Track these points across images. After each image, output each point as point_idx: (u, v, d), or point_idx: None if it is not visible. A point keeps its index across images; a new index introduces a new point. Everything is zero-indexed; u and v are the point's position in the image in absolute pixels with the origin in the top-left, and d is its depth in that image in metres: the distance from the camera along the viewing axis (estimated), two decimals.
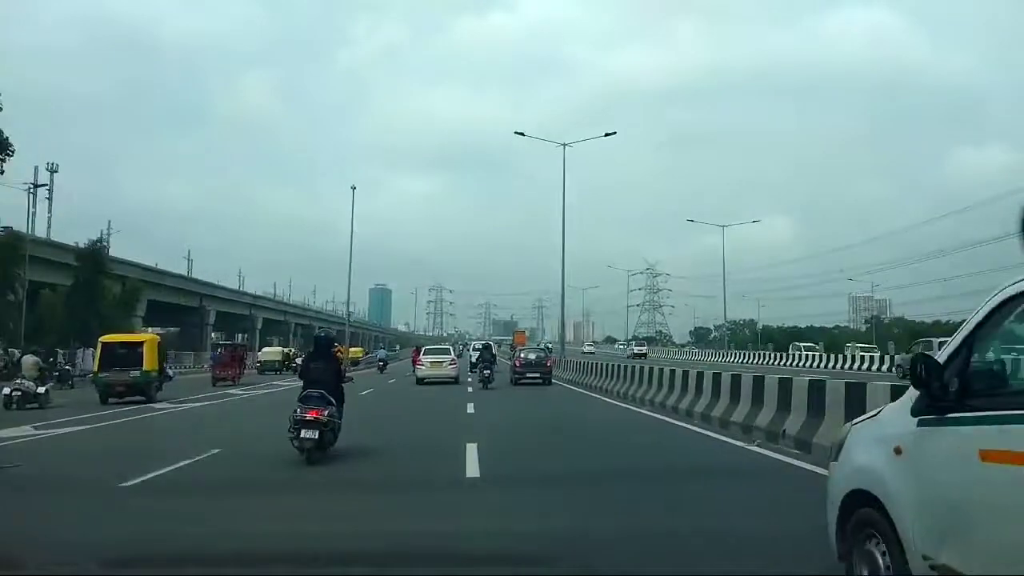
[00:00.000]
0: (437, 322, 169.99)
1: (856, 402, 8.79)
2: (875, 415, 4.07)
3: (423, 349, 33.28)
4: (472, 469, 9.13)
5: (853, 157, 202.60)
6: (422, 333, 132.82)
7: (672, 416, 15.44)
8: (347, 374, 11.34)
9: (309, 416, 9.55)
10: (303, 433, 9.49)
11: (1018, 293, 3.15)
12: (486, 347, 33.17)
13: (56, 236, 50.61)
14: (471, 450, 10.36)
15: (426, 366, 28.89)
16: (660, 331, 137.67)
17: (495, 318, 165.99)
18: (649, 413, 16.46)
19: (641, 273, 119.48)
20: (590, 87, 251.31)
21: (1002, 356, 3.50)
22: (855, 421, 4.24)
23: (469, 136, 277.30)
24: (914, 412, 3.52)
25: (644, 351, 72.52)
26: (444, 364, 29.28)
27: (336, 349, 17.98)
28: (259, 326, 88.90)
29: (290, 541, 5.76)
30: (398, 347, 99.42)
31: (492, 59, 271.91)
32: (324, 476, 8.98)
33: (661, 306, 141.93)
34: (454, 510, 7.08)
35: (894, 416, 3.75)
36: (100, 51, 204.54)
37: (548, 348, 45.22)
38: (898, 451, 3.56)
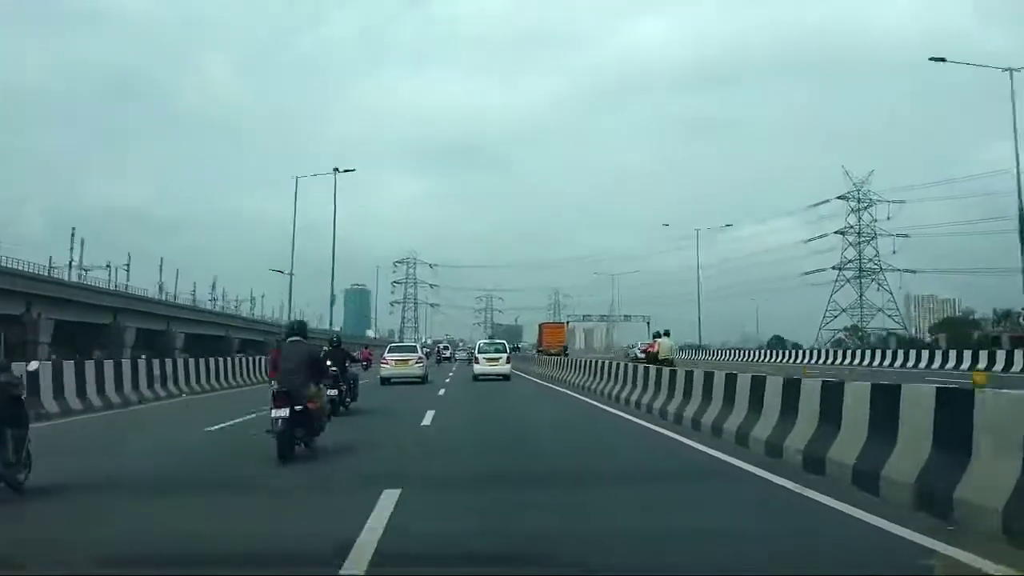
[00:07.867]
0: (408, 318, 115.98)
1: None
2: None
3: (388, 347, 32.90)
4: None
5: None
6: (396, 341, 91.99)
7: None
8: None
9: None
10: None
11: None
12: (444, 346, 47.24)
13: None
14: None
15: (391, 365, 28.27)
16: (884, 323, 78.19)
17: (497, 320, 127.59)
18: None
19: (838, 199, 73.43)
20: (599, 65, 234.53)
21: None
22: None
23: (458, 125, 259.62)
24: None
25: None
26: (410, 363, 28.58)
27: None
28: (179, 345, 71.64)
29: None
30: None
31: (483, 37, 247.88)
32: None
33: (880, 270, 79.81)
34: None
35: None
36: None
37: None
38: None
